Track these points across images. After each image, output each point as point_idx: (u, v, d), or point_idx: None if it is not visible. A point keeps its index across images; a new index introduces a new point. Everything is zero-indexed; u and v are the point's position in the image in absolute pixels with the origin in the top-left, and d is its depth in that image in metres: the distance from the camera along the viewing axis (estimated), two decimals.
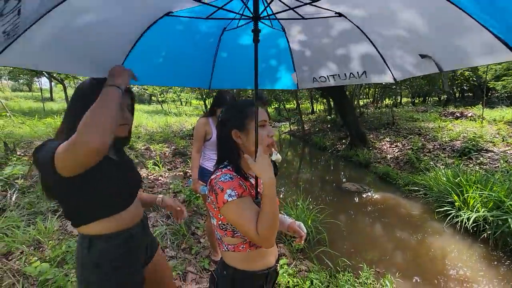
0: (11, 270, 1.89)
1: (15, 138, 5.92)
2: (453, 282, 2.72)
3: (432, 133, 7.73)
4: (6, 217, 2.65)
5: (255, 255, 0.99)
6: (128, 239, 1.05)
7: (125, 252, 1.04)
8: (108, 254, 1.00)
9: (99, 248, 0.99)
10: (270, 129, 1.02)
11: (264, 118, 1.00)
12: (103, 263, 0.99)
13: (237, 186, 0.91)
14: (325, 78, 1.53)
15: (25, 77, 21.31)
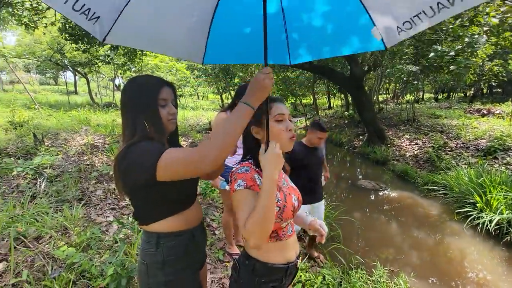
0: (41, 252, 2.04)
1: (43, 130, 6.27)
2: (471, 285, 2.65)
3: (456, 131, 7.41)
4: (36, 204, 2.84)
5: (274, 247, 1.02)
6: (191, 239, 1.06)
7: (189, 251, 1.05)
8: (175, 252, 1.01)
9: (167, 246, 1.00)
10: (288, 123, 1.02)
11: (281, 112, 1.01)
12: (170, 261, 1.00)
13: (248, 178, 0.95)
14: (410, 24, 1.11)
15: (52, 71, 22.31)
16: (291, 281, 1.14)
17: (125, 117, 0.98)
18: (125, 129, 0.98)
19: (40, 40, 13.66)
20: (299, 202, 1.10)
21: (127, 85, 1.00)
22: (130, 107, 0.97)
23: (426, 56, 5.82)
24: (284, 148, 1.00)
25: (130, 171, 0.89)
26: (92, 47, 8.11)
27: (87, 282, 1.87)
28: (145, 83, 0.99)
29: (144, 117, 0.96)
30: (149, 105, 0.97)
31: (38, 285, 1.78)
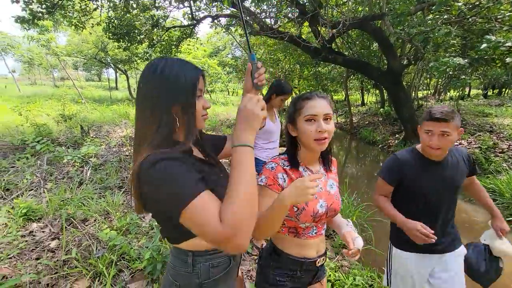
0: (87, 233, 2.23)
1: (89, 122, 6.81)
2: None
3: (508, 131, 6.69)
4: (83, 189, 3.11)
5: (291, 241, 1.07)
6: (230, 257, 0.91)
7: (227, 271, 0.90)
8: (215, 273, 0.86)
9: (205, 266, 0.84)
10: (319, 125, 0.97)
11: (311, 112, 0.98)
12: (208, 284, 0.85)
13: (271, 176, 1.00)
14: None
15: (96, 68, 24.14)
16: (315, 279, 1.14)
17: (144, 112, 0.76)
18: (141, 127, 0.77)
19: (87, 39, 14.82)
20: (329, 210, 1.05)
21: (152, 70, 0.77)
22: (157, 99, 0.75)
23: (476, 48, 5.29)
24: (311, 149, 1.01)
25: (152, 202, 0.73)
26: (132, 45, 8.61)
27: (127, 264, 2.01)
28: (180, 68, 0.77)
29: (176, 112, 0.77)
30: (187, 96, 0.77)
31: (85, 263, 1.95)
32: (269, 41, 11.67)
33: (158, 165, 0.68)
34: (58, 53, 11.41)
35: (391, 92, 7.89)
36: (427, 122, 1.31)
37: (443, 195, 1.38)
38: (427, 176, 1.38)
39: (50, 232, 2.35)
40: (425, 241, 1.26)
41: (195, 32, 10.03)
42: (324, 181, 1.10)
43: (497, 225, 1.46)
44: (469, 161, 1.47)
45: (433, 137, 1.29)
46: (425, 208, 1.40)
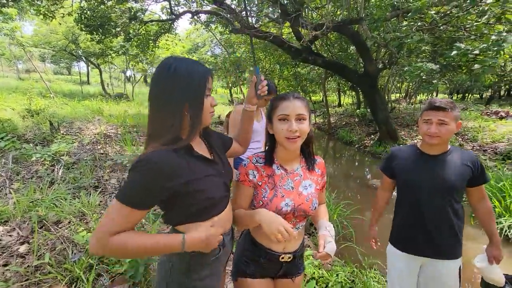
0: (62, 236, 2.09)
1: (58, 118, 6.39)
2: None
3: (472, 133, 7.23)
4: (55, 189, 2.91)
5: (259, 230, 1.06)
6: (221, 245, 0.96)
7: (216, 258, 0.96)
8: (202, 257, 0.92)
9: (193, 253, 0.89)
10: (290, 125, 1.00)
11: (283, 112, 1.02)
12: (195, 266, 0.92)
13: (243, 172, 1.10)
14: None
15: (66, 61, 22.72)
16: (282, 274, 1.17)
17: (159, 110, 0.83)
18: (155, 125, 0.84)
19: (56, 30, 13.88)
20: (297, 210, 1.07)
21: (166, 69, 0.83)
22: (172, 97, 0.82)
23: (444, 55, 5.66)
24: (284, 147, 1.06)
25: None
26: (106, 38, 8.19)
27: (106, 267, 1.91)
28: (192, 68, 0.85)
29: (186, 110, 0.84)
30: (198, 95, 0.85)
31: (59, 268, 1.82)
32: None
33: (142, 162, 0.77)
34: (24, 44, 10.58)
35: (367, 94, 8.21)
36: (426, 112, 1.33)
37: (435, 193, 1.34)
38: (420, 169, 1.37)
39: (18, 236, 2.17)
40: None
41: (174, 28, 9.77)
42: (297, 180, 1.11)
43: (492, 252, 1.40)
44: (474, 166, 1.34)
45: (431, 125, 1.29)
46: (417, 203, 1.38)
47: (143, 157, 0.78)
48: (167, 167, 0.78)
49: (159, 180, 0.78)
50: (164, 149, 0.80)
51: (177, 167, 0.81)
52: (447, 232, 1.36)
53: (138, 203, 0.78)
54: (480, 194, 1.41)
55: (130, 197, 0.77)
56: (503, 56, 4.56)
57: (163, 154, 0.79)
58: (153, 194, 0.79)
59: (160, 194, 0.80)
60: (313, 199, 1.11)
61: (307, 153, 1.16)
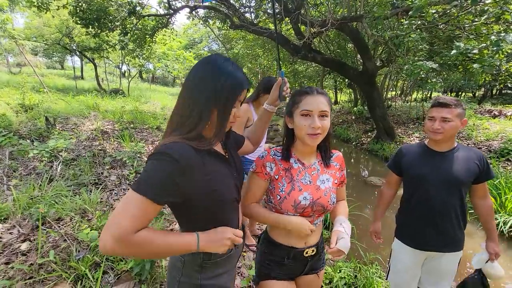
0: (65, 234, 2.06)
1: (53, 113, 6.27)
2: None
3: (467, 131, 7.33)
4: (54, 186, 2.86)
5: (280, 230, 1.12)
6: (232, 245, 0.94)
7: (228, 257, 0.96)
8: (214, 255, 0.92)
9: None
10: (313, 121, 1.00)
11: (306, 108, 1.01)
12: (208, 265, 0.92)
13: (259, 164, 1.11)
14: None
15: (58, 55, 22.25)
16: (308, 270, 1.18)
17: (189, 103, 0.84)
18: (182, 116, 0.84)
19: (49, 23, 13.56)
20: (315, 205, 1.07)
21: (211, 63, 0.85)
22: (204, 95, 0.83)
23: (441, 54, 5.71)
24: (304, 142, 1.05)
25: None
26: (102, 32, 8.03)
27: (111, 265, 1.89)
28: (235, 76, 0.86)
29: (214, 113, 0.84)
30: (228, 104, 0.85)
31: (64, 266, 1.80)
32: (249, 36, 11.59)
33: (161, 152, 0.75)
34: (16, 36, 10.31)
35: (365, 91, 8.25)
36: (431, 109, 1.38)
37: (443, 187, 1.36)
38: (428, 164, 1.41)
39: (19, 234, 2.13)
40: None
41: (171, 22, 9.64)
42: (314, 175, 1.11)
43: (493, 248, 1.45)
44: (481, 163, 1.39)
45: (435, 122, 1.34)
46: (426, 199, 1.40)
47: (163, 147, 0.76)
48: (184, 160, 0.76)
49: (175, 172, 0.75)
50: (184, 143, 0.79)
51: (193, 163, 0.79)
52: (454, 225, 1.41)
53: (159, 195, 0.74)
54: (483, 191, 1.46)
55: (151, 189, 0.73)
56: (500, 56, 4.63)
57: (183, 147, 0.77)
58: (171, 186, 0.76)
59: (175, 188, 0.77)
60: (331, 193, 1.11)
61: (323, 148, 1.15)
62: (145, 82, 26.70)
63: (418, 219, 1.45)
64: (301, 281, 1.19)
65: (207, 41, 20.24)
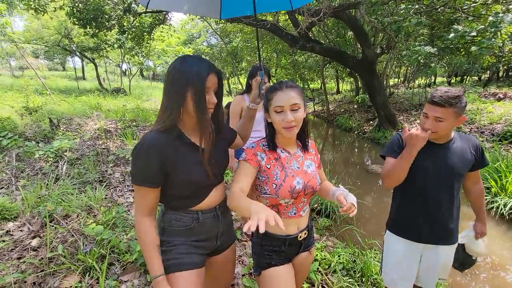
0: (72, 229, 2.15)
1: (57, 115, 6.38)
2: (482, 268, 2.70)
3: (470, 115, 7.26)
4: (60, 185, 2.96)
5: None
6: (195, 219, 1.08)
7: (189, 228, 1.08)
8: (176, 225, 1.07)
9: (169, 218, 1.07)
10: (286, 115, 1.06)
11: (278, 104, 1.07)
12: (169, 231, 1.07)
13: (249, 153, 1.14)
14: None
15: (59, 56, 22.38)
16: (302, 249, 1.25)
17: (165, 97, 0.99)
18: (159, 111, 1.02)
19: (47, 25, 13.62)
20: (307, 188, 1.14)
21: (176, 64, 0.98)
22: (172, 90, 0.97)
23: (442, 37, 5.62)
24: (282, 136, 1.13)
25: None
26: (100, 31, 8.05)
27: (117, 257, 1.98)
28: (195, 65, 0.97)
29: (191, 100, 0.97)
30: (197, 89, 0.97)
31: (72, 259, 1.89)
32: (246, 29, 11.50)
33: (139, 145, 0.95)
34: (16, 40, 10.40)
35: (365, 80, 8.19)
36: (427, 105, 1.30)
37: (441, 180, 1.35)
38: (427, 156, 1.35)
39: (29, 231, 2.23)
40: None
41: (168, 18, 9.61)
42: (301, 161, 1.20)
43: (480, 228, 1.51)
44: (477, 151, 1.38)
45: (427, 120, 1.29)
46: (422, 191, 1.38)
47: (138, 143, 0.96)
48: (156, 145, 0.95)
49: (153, 156, 0.94)
50: (155, 131, 0.97)
51: (166, 147, 0.96)
52: (449, 217, 1.39)
53: (148, 180, 0.96)
54: (476, 177, 1.47)
55: (139, 177, 0.96)
56: (501, 36, 4.55)
57: (153, 134, 0.96)
58: (154, 169, 0.95)
59: (159, 169, 0.96)
60: (316, 176, 1.21)
61: (302, 136, 1.23)
62: (146, 80, 26.78)
63: (413, 211, 1.42)
64: (296, 260, 1.27)
65: (206, 35, 20.13)
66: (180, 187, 1.02)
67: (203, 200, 1.08)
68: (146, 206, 0.98)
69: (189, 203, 1.07)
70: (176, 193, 1.04)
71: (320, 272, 2.23)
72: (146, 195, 0.98)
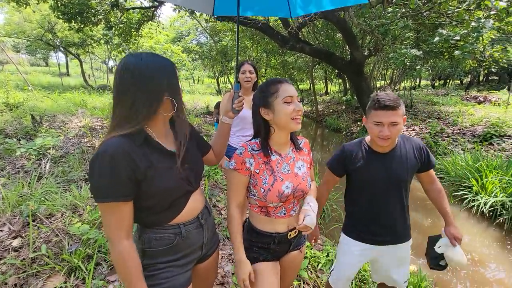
0: (56, 229, 2.08)
1: (39, 112, 6.15)
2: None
3: (452, 118, 7.53)
4: (44, 184, 2.86)
5: (264, 219, 1.17)
6: (178, 234, 0.98)
7: (171, 247, 0.97)
8: (156, 244, 0.95)
9: (148, 237, 0.95)
10: (297, 105, 1.07)
11: (289, 94, 1.07)
12: (149, 252, 0.95)
13: (238, 161, 1.10)
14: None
15: (42, 51, 21.61)
16: (292, 248, 1.25)
17: (128, 96, 0.85)
18: (116, 113, 0.87)
19: (29, 18, 13.11)
20: (296, 191, 1.13)
21: (136, 59, 0.87)
22: (141, 85, 0.85)
23: (427, 41, 5.80)
24: (290, 129, 1.10)
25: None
26: (85, 26, 7.82)
27: (104, 256, 1.93)
28: (159, 58, 0.90)
29: (168, 96, 0.89)
30: (175, 81, 0.92)
31: (57, 259, 1.83)
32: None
33: (100, 153, 0.80)
34: None
35: (353, 81, 8.33)
36: (376, 112, 1.24)
37: (388, 189, 1.36)
38: (372, 168, 1.37)
39: (10, 231, 2.14)
40: None
41: (157, 15, 9.45)
42: (291, 163, 1.17)
43: (451, 232, 1.39)
44: (420, 153, 1.40)
45: (383, 128, 1.23)
46: (372, 200, 1.40)
47: (98, 151, 0.81)
48: (121, 151, 0.81)
49: (120, 163, 0.80)
50: (118, 136, 0.83)
51: (133, 152, 0.83)
52: (401, 219, 1.42)
53: (119, 193, 0.81)
54: (429, 177, 1.47)
55: (107, 191, 0.80)
56: (483, 41, 4.74)
57: (116, 140, 0.82)
58: (123, 178, 0.81)
59: (128, 178, 0.82)
60: (307, 178, 1.19)
61: (294, 136, 1.22)
62: None
63: (365, 217, 1.44)
64: (286, 258, 1.26)
65: (195, 33, 19.91)
66: (155, 197, 0.90)
67: (182, 210, 0.98)
68: (122, 227, 0.82)
69: (168, 216, 0.96)
70: (151, 206, 0.91)
71: (309, 270, 2.25)
72: (119, 212, 0.82)
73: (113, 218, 0.82)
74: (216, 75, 20.92)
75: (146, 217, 0.93)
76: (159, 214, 0.94)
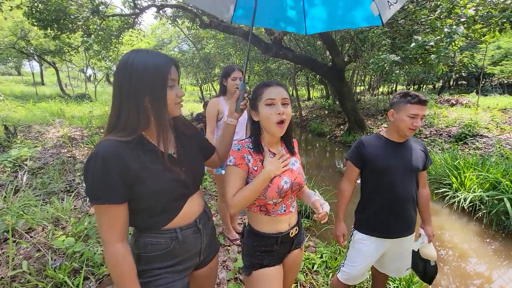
0: (38, 243, 1.95)
1: (13, 122, 5.83)
2: (449, 256, 2.91)
3: (429, 120, 7.89)
4: (21, 197, 2.69)
5: (264, 219, 1.16)
6: (174, 239, 0.95)
7: (167, 251, 0.95)
8: (151, 249, 0.93)
9: (144, 242, 0.93)
10: (278, 108, 1.07)
11: (269, 97, 1.08)
12: (144, 257, 0.93)
13: (238, 156, 1.11)
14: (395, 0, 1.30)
15: (14, 59, 20.57)
16: (294, 247, 1.26)
17: (115, 104, 0.84)
18: (111, 116, 0.85)
19: (1, 25, 12.50)
20: (294, 185, 1.15)
21: (123, 63, 0.83)
22: (128, 91, 0.82)
23: (403, 48, 6.11)
24: (272, 132, 1.11)
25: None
26: (63, 33, 7.55)
27: (91, 270, 1.83)
28: (150, 60, 0.84)
29: (148, 101, 0.84)
30: (156, 88, 0.85)
31: (40, 276, 1.71)
32: (219, 35, 11.52)
33: (93, 156, 0.79)
34: None
35: (335, 86, 8.58)
36: (414, 106, 1.35)
37: (406, 175, 1.45)
38: (390, 155, 1.45)
39: None
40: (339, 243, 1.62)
41: (138, 23, 9.32)
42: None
43: (431, 232, 1.58)
44: (425, 151, 1.54)
45: (417, 120, 1.36)
46: (392, 187, 1.45)
47: (92, 153, 0.80)
48: (114, 153, 0.80)
49: (112, 165, 0.79)
50: (111, 139, 0.81)
51: (126, 154, 0.82)
52: (413, 209, 1.52)
53: (112, 195, 0.80)
54: (424, 179, 1.60)
55: (100, 194, 0.79)
56: (453, 47, 5.06)
57: (108, 142, 0.81)
58: (116, 180, 0.80)
59: (122, 180, 0.81)
60: (302, 172, 1.24)
61: (287, 138, 1.23)
62: None
63: (382, 209, 1.49)
64: (288, 258, 1.26)
65: (177, 41, 19.78)
66: (148, 199, 0.88)
67: (178, 213, 0.95)
68: (116, 229, 0.82)
69: (163, 219, 0.93)
70: (146, 208, 0.89)
71: (305, 272, 2.24)
72: (114, 214, 0.82)
73: (106, 220, 0.81)
74: (199, 83, 20.81)
75: (141, 220, 0.91)
76: (154, 217, 0.92)
